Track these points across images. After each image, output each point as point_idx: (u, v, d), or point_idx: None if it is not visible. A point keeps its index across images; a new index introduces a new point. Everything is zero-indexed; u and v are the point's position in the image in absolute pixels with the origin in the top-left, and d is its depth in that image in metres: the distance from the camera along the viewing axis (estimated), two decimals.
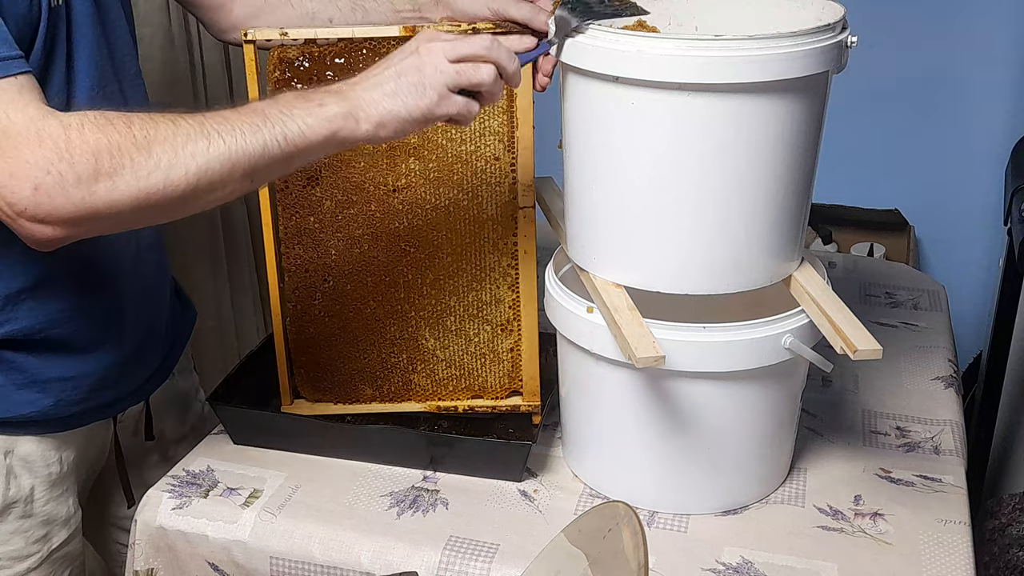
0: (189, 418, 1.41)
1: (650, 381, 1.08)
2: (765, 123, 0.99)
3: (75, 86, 1.04)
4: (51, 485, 1.17)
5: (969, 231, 2.39)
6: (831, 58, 0.99)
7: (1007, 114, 2.25)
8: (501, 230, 1.21)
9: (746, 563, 1.06)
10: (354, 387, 1.28)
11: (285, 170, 0.95)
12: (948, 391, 1.38)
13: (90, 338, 1.15)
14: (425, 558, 1.09)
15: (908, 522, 1.12)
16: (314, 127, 0.92)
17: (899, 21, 2.26)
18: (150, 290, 1.23)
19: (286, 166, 0.93)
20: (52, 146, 0.85)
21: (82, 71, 1.05)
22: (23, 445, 1.13)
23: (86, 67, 1.05)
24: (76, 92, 1.05)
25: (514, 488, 1.19)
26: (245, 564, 1.14)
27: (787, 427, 1.17)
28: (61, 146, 0.85)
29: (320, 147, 0.93)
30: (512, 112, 1.17)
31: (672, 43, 0.95)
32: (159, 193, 0.87)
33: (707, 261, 1.06)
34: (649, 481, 1.15)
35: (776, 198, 1.04)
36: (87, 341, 1.15)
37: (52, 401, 1.13)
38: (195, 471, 1.23)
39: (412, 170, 1.19)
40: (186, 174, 0.88)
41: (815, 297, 1.07)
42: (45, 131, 0.86)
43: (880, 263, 1.93)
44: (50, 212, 0.86)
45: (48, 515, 1.17)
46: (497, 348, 1.25)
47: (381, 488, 1.20)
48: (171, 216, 0.92)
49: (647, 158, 1.02)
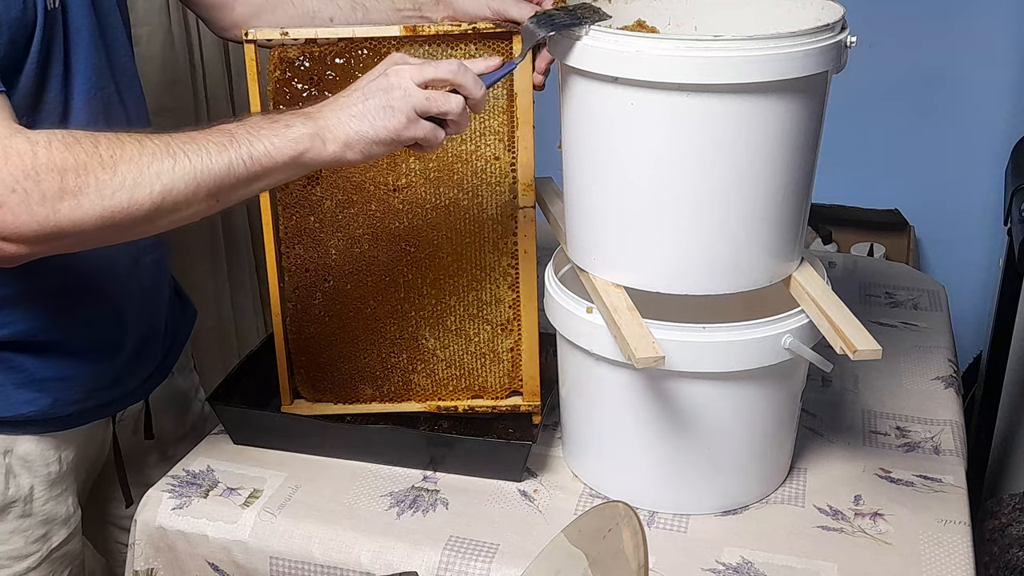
0: (189, 417, 1.41)
1: (650, 381, 1.08)
2: (765, 123, 0.99)
3: (73, 88, 1.04)
4: (50, 484, 1.17)
5: (969, 231, 2.39)
6: (831, 58, 0.99)
7: (1007, 114, 2.25)
8: (501, 230, 1.21)
9: (746, 563, 1.06)
10: (354, 387, 1.28)
11: (250, 191, 0.94)
12: (948, 391, 1.38)
13: (88, 339, 1.15)
14: (425, 558, 1.09)
15: (908, 522, 1.12)
16: (280, 147, 0.92)
17: (899, 21, 2.26)
18: (149, 290, 1.23)
19: (251, 187, 0.93)
20: (18, 163, 0.85)
21: (80, 73, 1.05)
22: (22, 444, 1.13)
23: (84, 69, 1.05)
24: (74, 95, 1.05)
25: (514, 488, 1.19)
26: (245, 564, 1.14)
27: (787, 427, 1.17)
28: (27, 164, 0.85)
29: (286, 167, 0.93)
30: (512, 112, 1.17)
31: (671, 43, 0.95)
32: (123, 212, 0.87)
33: (707, 261, 1.06)
34: (649, 481, 1.15)
35: (776, 198, 1.04)
36: (85, 342, 1.15)
37: (50, 401, 1.13)
38: (195, 471, 1.23)
39: (412, 169, 1.19)
40: (150, 194, 0.88)
41: (815, 297, 1.07)
42: (12, 148, 0.85)
43: (880, 263, 1.93)
44: (14, 230, 0.86)
45: (47, 514, 1.17)
46: (497, 348, 1.25)
47: (381, 488, 1.20)
48: (136, 235, 0.92)
49: (646, 158, 1.02)
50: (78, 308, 1.12)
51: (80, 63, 1.05)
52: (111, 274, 1.15)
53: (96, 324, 1.15)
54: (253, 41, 1.14)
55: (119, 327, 1.18)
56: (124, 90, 1.13)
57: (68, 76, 1.04)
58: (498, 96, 1.16)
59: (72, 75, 1.04)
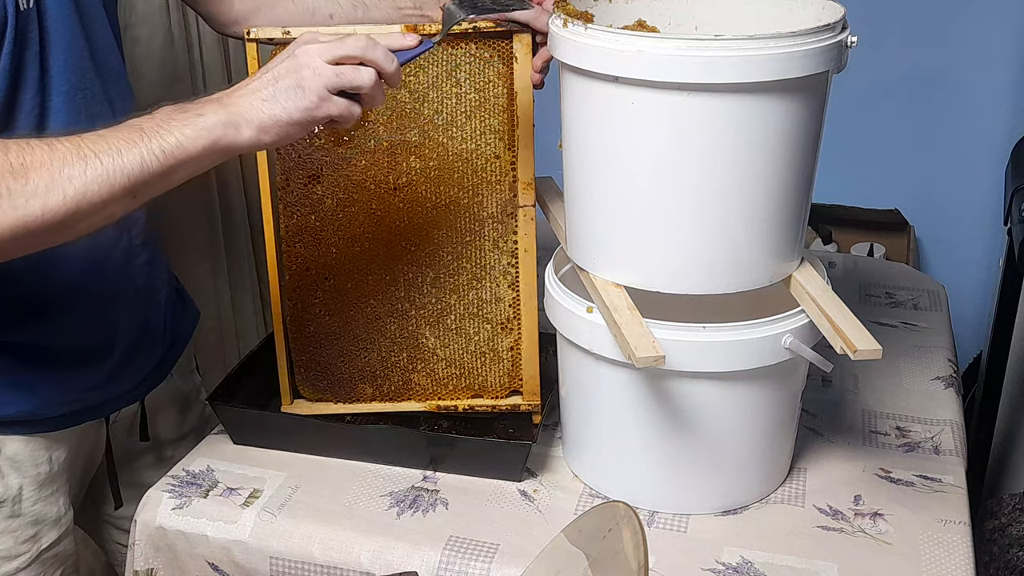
0: (188, 419, 1.40)
1: (650, 381, 1.08)
2: (765, 123, 0.99)
3: (50, 89, 1.03)
4: (40, 485, 1.16)
5: (969, 231, 2.39)
6: (831, 58, 0.99)
7: (1007, 114, 2.25)
8: (501, 229, 1.21)
9: (746, 563, 1.06)
10: (354, 386, 1.28)
11: (169, 183, 0.92)
12: (948, 391, 1.38)
13: (77, 341, 1.14)
14: (425, 558, 1.09)
15: (908, 522, 1.12)
16: (192, 138, 0.90)
17: (899, 21, 2.26)
18: (143, 291, 1.22)
19: (169, 179, 0.91)
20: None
21: (58, 75, 1.03)
22: (10, 444, 1.13)
23: (63, 70, 1.04)
24: (52, 95, 1.03)
25: (514, 488, 1.19)
26: (245, 564, 1.14)
27: (787, 427, 1.17)
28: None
29: (202, 157, 0.91)
30: (512, 111, 1.17)
31: (672, 43, 0.95)
32: (37, 220, 0.85)
33: (707, 261, 1.06)
34: (649, 481, 1.15)
35: (776, 198, 1.04)
36: (74, 344, 1.14)
37: (39, 402, 1.12)
38: (195, 471, 1.23)
39: (413, 168, 1.19)
40: (64, 199, 0.86)
41: (815, 297, 1.07)
42: None
43: (880, 263, 1.93)
44: None
45: (37, 515, 1.17)
46: (497, 347, 1.25)
47: (381, 488, 1.20)
48: (54, 242, 0.90)
49: (647, 158, 1.02)
50: (66, 311, 1.11)
51: (59, 64, 1.03)
52: (101, 276, 1.14)
53: (85, 326, 1.14)
54: (255, 40, 1.14)
55: (110, 329, 1.18)
56: (111, 89, 1.12)
57: (45, 77, 1.02)
58: (498, 95, 1.16)
59: (50, 76, 1.02)
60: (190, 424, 1.40)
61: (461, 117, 1.17)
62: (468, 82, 1.16)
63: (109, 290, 1.16)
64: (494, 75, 1.16)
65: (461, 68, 1.15)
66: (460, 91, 1.16)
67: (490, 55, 1.15)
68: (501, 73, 1.16)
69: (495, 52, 1.15)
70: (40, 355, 1.12)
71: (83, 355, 1.16)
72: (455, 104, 1.17)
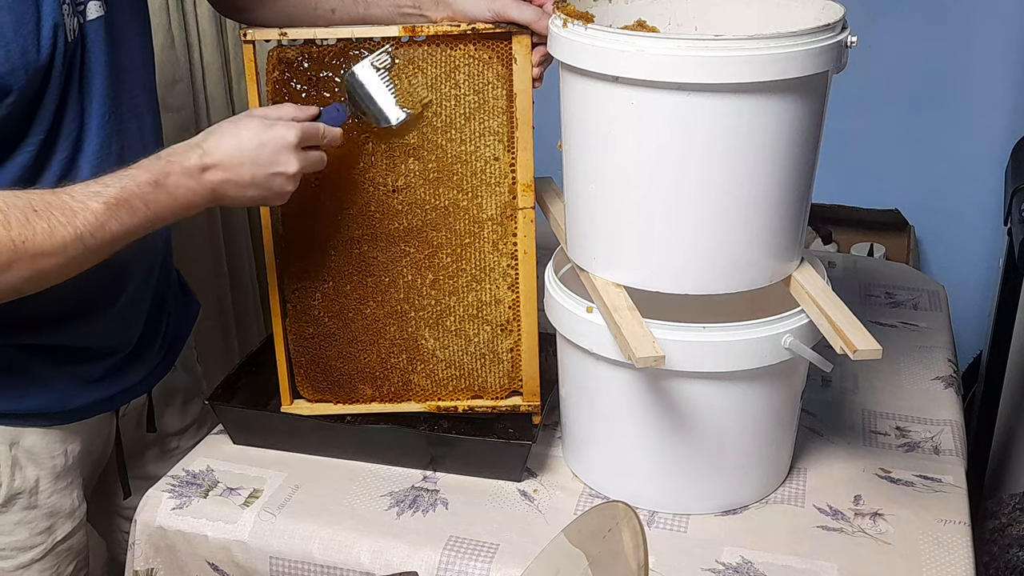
0: (191, 410, 1.41)
1: (650, 381, 1.08)
2: (765, 123, 0.99)
3: (89, 112, 1.06)
4: (56, 477, 1.18)
5: (969, 231, 2.38)
6: (831, 58, 0.99)
7: (1007, 114, 2.25)
8: (501, 230, 1.21)
9: (746, 563, 1.06)
10: (354, 387, 1.28)
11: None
12: (948, 391, 1.38)
13: (93, 336, 1.16)
14: (425, 558, 1.09)
15: (908, 522, 1.12)
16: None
17: (899, 21, 2.26)
18: (155, 288, 1.25)
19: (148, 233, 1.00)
20: None
21: (97, 99, 1.06)
22: (28, 437, 1.14)
23: (101, 95, 1.06)
24: (90, 119, 1.06)
25: (514, 488, 1.19)
26: (245, 564, 1.14)
27: (787, 427, 1.17)
28: None
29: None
30: (512, 112, 1.17)
31: (672, 43, 0.95)
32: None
33: (707, 261, 1.06)
34: (649, 481, 1.15)
35: (776, 198, 1.04)
36: (90, 338, 1.16)
37: (56, 396, 1.14)
38: (195, 471, 1.23)
39: (412, 170, 1.19)
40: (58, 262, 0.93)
41: (815, 297, 1.07)
42: None
43: (880, 263, 1.93)
44: None
45: (52, 507, 1.18)
46: (497, 348, 1.25)
47: (381, 488, 1.20)
48: None
49: (647, 158, 1.02)
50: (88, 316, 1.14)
51: (98, 89, 1.06)
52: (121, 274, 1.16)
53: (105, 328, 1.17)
54: (252, 42, 1.14)
55: (126, 327, 1.20)
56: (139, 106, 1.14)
57: (84, 100, 1.05)
58: (497, 97, 1.16)
59: (89, 100, 1.06)
60: (192, 415, 1.42)
61: (460, 119, 1.17)
62: (467, 84, 1.16)
63: (130, 293, 1.19)
64: (493, 76, 1.16)
65: (460, 70, 1.15)
66: (459, 93, 1.16)
67: (489, 56, 1.15)
68: (500, 75, 1.16)
69: (494, 53, 1.15)
70: (59, 353, 1.14)
71: (99, 351, 1.18)
72: (454, 106, 1.16)
